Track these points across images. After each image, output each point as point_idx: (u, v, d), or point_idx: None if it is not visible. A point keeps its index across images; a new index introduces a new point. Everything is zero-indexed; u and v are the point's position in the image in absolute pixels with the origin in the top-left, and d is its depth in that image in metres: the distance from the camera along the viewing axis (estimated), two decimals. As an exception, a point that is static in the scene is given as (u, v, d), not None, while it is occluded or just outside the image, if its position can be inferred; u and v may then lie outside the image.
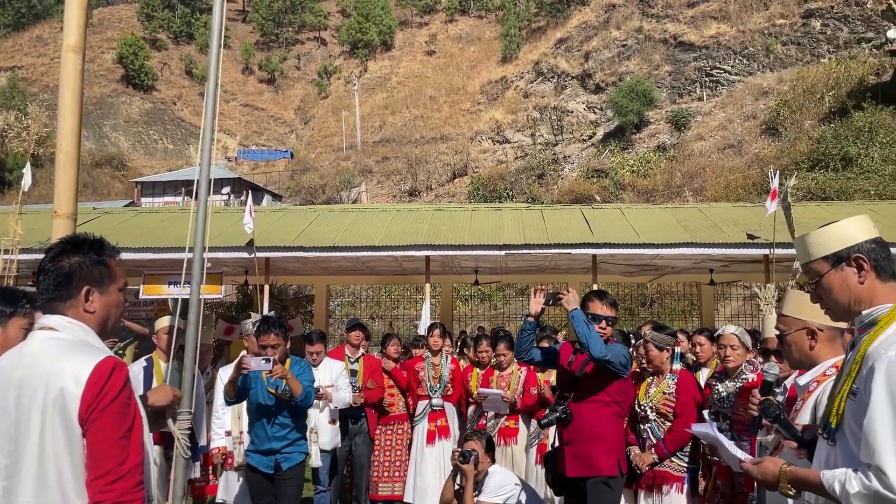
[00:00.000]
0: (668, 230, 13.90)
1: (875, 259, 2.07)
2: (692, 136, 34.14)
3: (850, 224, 2.13)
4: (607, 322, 4.39)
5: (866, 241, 2.09)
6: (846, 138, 25.50)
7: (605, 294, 4.54)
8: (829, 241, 2.12)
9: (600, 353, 4.11)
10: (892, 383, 1.86)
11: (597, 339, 4.16)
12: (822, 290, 2.15)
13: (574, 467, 4.32)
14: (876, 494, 1.83)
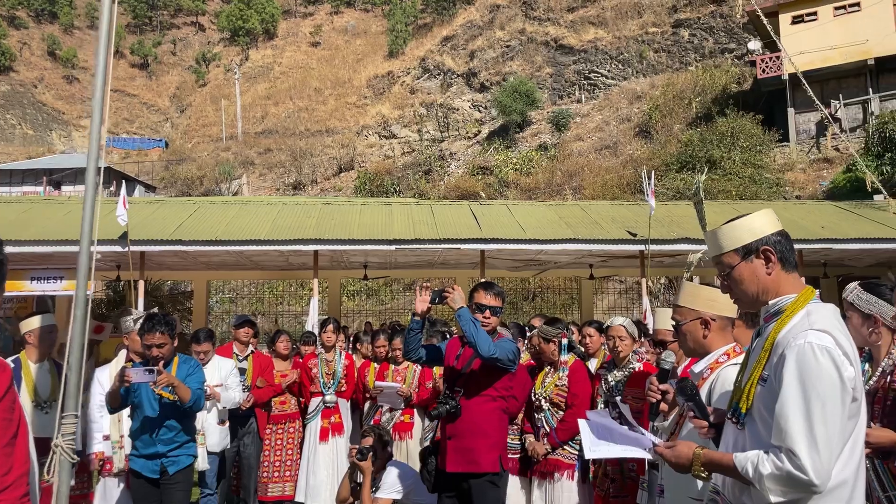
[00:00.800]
0: (552, 227, 14.34)
1: (781, 251, 2.19)
2: (572, 137, 35.40)
3: (758, 218, 2.24)
4: (491, 311, 4.29)
5: (773, 234, 2.21)
6: (711, 142, 27.22)
7: (492, 285, 4.46)
8: (740, 235, 2.22)
9: (488, 352, 4.02)
10: (801, 370, 1.96)
11: (484, 337, 4.05)
12: (733, 281, 2.25)
13: (455, 462, 4.17)
14: (788, 475, 1.93)
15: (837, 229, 14.12)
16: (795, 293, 2.15)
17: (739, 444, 2.15)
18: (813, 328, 2.01)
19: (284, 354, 7.34)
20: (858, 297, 3.05)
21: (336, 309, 17.32)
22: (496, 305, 4.34)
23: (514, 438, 4.92)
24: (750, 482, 2.02)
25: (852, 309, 3.19)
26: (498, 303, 4.36)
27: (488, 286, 4.42)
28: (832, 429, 1.94)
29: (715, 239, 2.29)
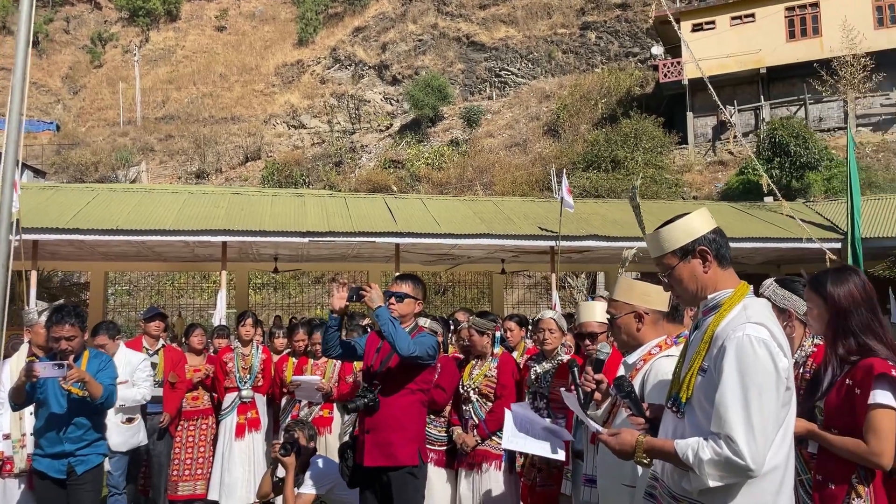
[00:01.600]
0: (466, 221, 14.50)
1: (716, 249, 2.30)
2: (483, 133, 35.81)
3: (694, 219, 2.34)
4: (396, 298, 4.22)
5: (708, 233, 2.31)
6: (615, 142, 28.17)
7: (408, 276, 4.45)
8: (677, 237, 2.32)
9: (407, 350, 3.94)
10: (740, 361, 2.07)
11: (402, 336, 3.97)
12: (674, 280, 2.35)
13: (373, 456, 4.11)
14: (726, 460, 2.03)
15: (733, 229, 14.93)
16: (732, 288, 2.27)
17: (678, 431, 2.25)
18: (750, 321, 2.12)
19: (198, 349, 7.09)
20: (774, 293, 3.23)
21: (244, 302, 16.88)
22: (404, 292, 4.27)
23: (441, 431, 4.95)
24: (689, 468, 2.10)
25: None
26: (408, 289, 4.29)
27: (403, 277, 4.41)
28: (768, 416, 2.05)
29: (654, 242, 2.37)
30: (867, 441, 2.45)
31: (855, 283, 2.65)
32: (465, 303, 23.26)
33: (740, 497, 2.09)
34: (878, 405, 2.45)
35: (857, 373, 2.52)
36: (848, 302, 2.63)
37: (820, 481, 2.58)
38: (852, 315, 2.61)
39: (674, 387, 2.33)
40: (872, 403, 2.46)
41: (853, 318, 2.61)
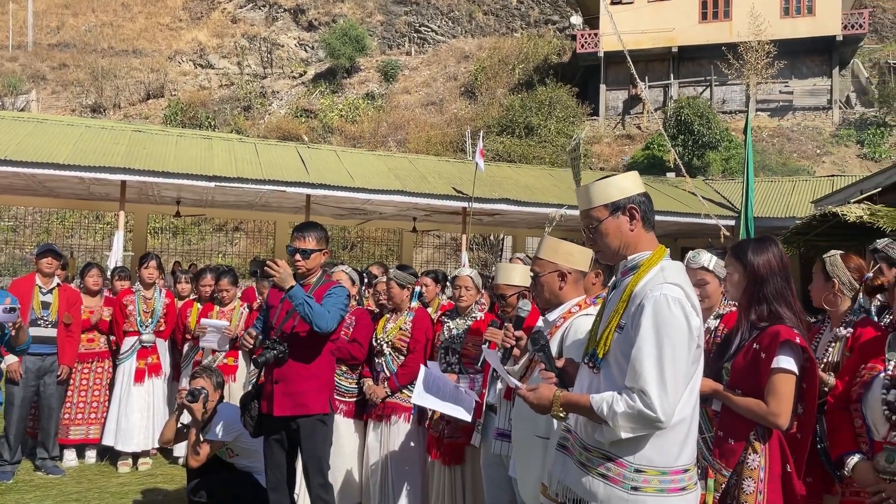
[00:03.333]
0: (381, 177, 14.34)
1: (644, 211, 2.36)
2: (399, 89, 35.35)
3: (627, 179, 2.40)
4: (301, 255, 4.11)
5: (638, 195, 2.37)
6: (530, 109, 28.46)
7: (306, 226, 4.22)
8: (610, 192, 2.36)
9: (326, 327, 3.96)
10: (656, 319, 2.15)
11: (319, 314, 3.92)
12: (599, 234, 2.39)
13: (283, 406, 4.04)
14: (639, 413, 2.13)
15: (638, 201, 15.44)
16: (651, 251, 2.35)
17: (594, 386, 2.32)
18: (667, 282, 2.21)
19: (94, 290, 6.73)
20: (717, 265, 3.36)
21: (141, 246, 16.17)
22: (310, 248, 4.14)
23: (352, 382, 4.93)
24: (603, 420, 2.19)
25: (709, 274, 3.57)
26: (312, 244, 4.14)
27: (301, 228, 4.21)
28: (679, 372, 2.15)
29: (587, 194, 2.41)
30: (767, 402, 2.61)
31: (774, 253, 2.79)
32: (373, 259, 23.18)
33: (648, 447, 2.20)
34: (780, 369, 2.61)
35: (764, 338, 2.67)
36: (765, 270, 2.76)
37: (721, 437, 2.73)
38: (768, 283, 2.75)
39: (591, 343, 2.40)
40: (775, 367, 2.61)
41: (768, 286, 2.75)
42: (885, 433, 2.57)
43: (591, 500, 2.26)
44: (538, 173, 17.80)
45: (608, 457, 2.24)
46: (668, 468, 2.21)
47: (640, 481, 2.19)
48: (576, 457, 2.36)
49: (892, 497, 2.48)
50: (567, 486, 2.35)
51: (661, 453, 2.20)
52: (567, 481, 2.36)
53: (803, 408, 2.64)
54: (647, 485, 2.19)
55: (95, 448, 6.60)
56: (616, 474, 2.22)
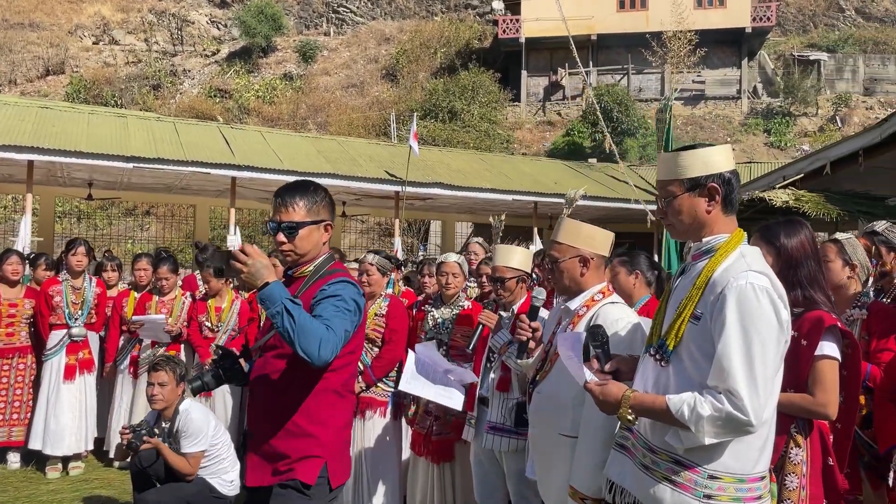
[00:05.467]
0: (311, 159, 13.85)
1: (727, 191, 2.13)
2: (318, 70, 34.48)
3: (717, 152, 2.15)
4: (287, 233, 2.58)
5: (725, 172, 2.13)
6: (453, 94, 28.30)
7: (299, 185, 2.68)
8: (693, 164, 2.12)
9: (317, 354, 2.32)
10: (743, 311, 1.94)
11: (306, 330, 2.30)
12: (671, 210, 2.17)
13: (254, 471, 3.16)
14: (728, 416, 1.91)
15: (568, 185, 15.54)
16: (728, 234, 2.14)
17: (661, 382, 2.11)
18: (752, 269, 2.01)
19: (13, 280, 6.08)
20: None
21: (49, 230, 15.07)
22: (295, 220, 2.58)
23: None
24: (684, 425, 1.98)
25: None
26: (301, 213, 2.59)
27: (281, 193, 2.64)
28: (770, 369, 1.96)
29: (667, 163, 2.18)
30: (814, 393, 2.49)
31: (806, 235, 2.67)
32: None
33: (727, 452, 2.01)
34: (825, 356, 2.50)
35: (803, 324, 2.55)
36: (799, 253, 2.64)
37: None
38: (802, 266, 2.63)
39: (655, 334, 2.19)
40: (819, 355, 2.50)
41: (802, 270, 2.63)
42: (931, 422, 2.51)
43: None
44: (469, 157, 17.66)
45: (678, 461, 2.03)
46: (746, 475, 2.02)
47: (715, 489, 2.00)
48: (638, 459, 2.14)
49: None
50: (626, 489, 2.15)
51: (740, 459, 2.01)
52: (626, 484, 2.16)
53: (844, 396, 2.54)
54: (722, 493, 2.00)
55: (19, 452, 5.99)
56: (687, 480, 2.01)
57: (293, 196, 2.62)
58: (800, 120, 29.05)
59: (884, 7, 34.35)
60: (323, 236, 2.70)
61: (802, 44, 32.41)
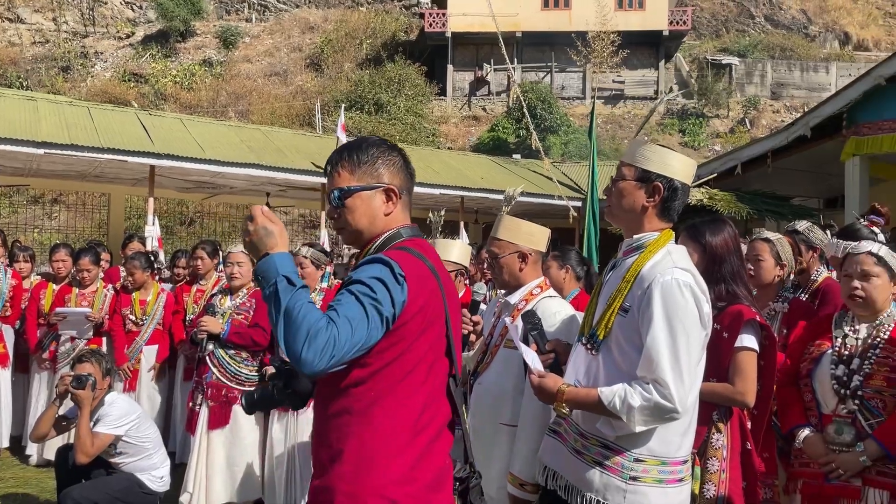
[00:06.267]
0: (234, 149, 13.55)
1: (668, 197, 2.23)
2: (240, 57, 33.64)
3: (677, 159, 2.26)
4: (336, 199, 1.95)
5: (676, 180, 2.23)
6: (379, 85, 28.15)
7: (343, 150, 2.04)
8: (650, 159, 2.22)
9: (302, 354, 1.64)
10: (667, 305, 2.08)
11: (296, 321, 1.67)
12: (615, 189, 2.27)
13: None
14: (655, 405, 2.04)
15: (494, 181, 15.78)
16: (657, 232, 2.26)
17: (592, 370, 2.24)
18: (677, 266, 2.14)
19: (-83, 271, 5.75)
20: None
21: (-52, 219, 14.22)
22: (342, 187, 1.96)
23: (253, 370, 4.54)
24: (615, 415, 2.09)
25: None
26: (345, 178, 1.97)
27: (334, 152, 2.07)
28: (694, 359, 2.10)
29: (633, 148, 2.29)
30: (733, 382, 2.66)
31: (729, 233, 2.84)
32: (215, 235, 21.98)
33: (653, 438, 2.14)
34: (744, 348, 2.67)
35: (725, 318, 2.72)
36: (722, 251, 2.80)
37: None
38: (725, 263, 2.80)
39: (587, 325, 2.31)
40: (739, 346, 2.67)
41: (725, 266, 2.80)
42: (834, 406, 2.72)
43: (586, 490, 2.18)
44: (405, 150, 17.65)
45: (607, 445, 2.17)
46: (669, 458, 2.17)
47: (640, 471, 2.14)
48: (570, 444, 2.26)
49: (840, 467, 2.63)
50: (559, 473, 2.27)
51: (663, 443, 2.15)
52: (559, 468, 2.27)
53: (761, 385, 2.73)
54: (647, 475, 2.14)
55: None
56: (615, 463, 2.15)
57: (338, 156, 2.03)
58: (712, 121, 30.31)
59: (791, 15, 36.19)
60: (384, 206, 1.97)
61: (715, 48, 33.78)
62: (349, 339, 1.69)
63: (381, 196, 1.98)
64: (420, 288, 1.82)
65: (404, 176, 2.03)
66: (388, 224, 1.99)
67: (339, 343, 1.66)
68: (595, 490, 2.16)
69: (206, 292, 5.50)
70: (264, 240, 1.82)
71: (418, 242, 1.99)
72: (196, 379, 4.68)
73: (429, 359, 1.86)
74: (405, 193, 2.02)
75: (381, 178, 1.98)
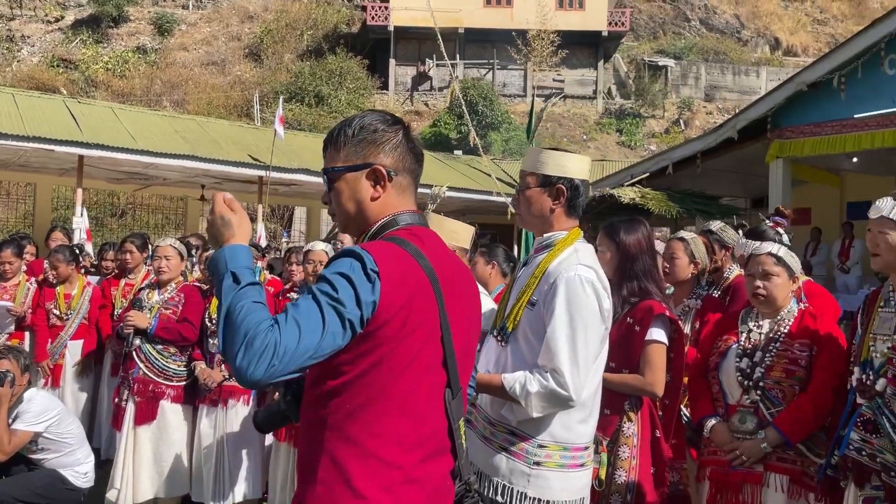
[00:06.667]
0: (167, 139, 13.27)
1: (571, 196, 2.38)
2: (175, 45, 32.84)
3: (573, 160, 2.39)
4: (327, 183, 1.78)
5: (576, 179, 2.38)
6: (320, 78, 27.91)
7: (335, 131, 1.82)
8: (549, 164, 2.36)
9: (237, 360, 1.45)
10: (570, 299, 2.22)
11: (238, 321, 1.47)
12: (523, 199, 2.42)
13: None
14: (552, 392, 2.19)
15: (435, 177, 15.82)
16: (566, 231, 2.40)
17: (501, 360, 2.37)
18: (581, 263, 2.28)
19: None
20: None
21: None
22: (329, 167, 1.76)
23: (181, 365, 4.48)
24: (516, 400, 2.22)
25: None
26: (332, 157, 1.76)
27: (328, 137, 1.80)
28: (591, 352, 2.25)
29: (531, 156, 2.42)
30: (643, 373, 2.79)
31: (643, 233, 2.97)
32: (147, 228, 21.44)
33: (553, 423, 2.27)
34: (653, 341, 2.81)
35: (637, 312, 2.85)
36: (636, 249, 2.94)
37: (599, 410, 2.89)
38: (638, 260, 2.93)
39: (499, 318, 2.43)
40: (649, 339, 2.81)
41: (638, 264, 2.93)
42: (738, 397, 2.88)
43: (494, 475, 2.30)
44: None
45: (513, 432, 2.29)
46: (571, 445, 2.30)
47: (543, 456, 2.27)
48: (479, 431, 2.38)
49: (744, 454, 2.79)
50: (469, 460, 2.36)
51: (565, 430, 2.29)
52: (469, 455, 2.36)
53: (671, 376, 2.87)
54: (549, 460, 2.27)
55: None
56: (520, 449, 2.28)
57: (332, 133, 1.79)
58: (648, 121, 31.08)
59: (724, 19, 37.33)
60: (371, 190, 1.72)
61: (653, 50, 34.61)
62: (294, 345, 1.44)
63: (369, 178, 1.71)
64: (399, 285, 1.56)
65: (401, 155, 1.74)
66: (381, 211, 1.73)
67: (279, 349, 1.43)
68: (502, 475, 2.29)
69: (135, 286, 5.40)
70: (221, 230, 1.64)
71: (417, 231, 1.71)
72: (122, 374, 4.60)
73: (416, 369, 1.60)
74: (404, 175, 1.74)
75: (367, 157, 1.71)
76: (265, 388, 1.43)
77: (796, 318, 2.90)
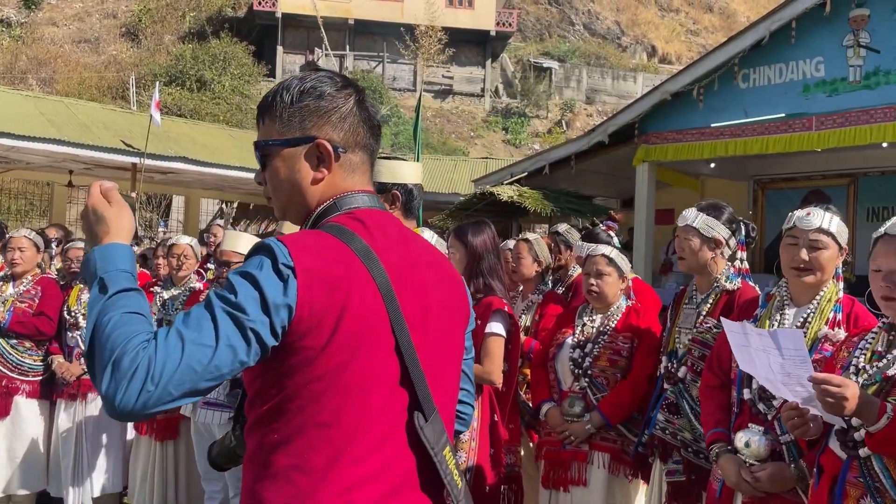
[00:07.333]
0: (31, 121, 12.54)
1: (406, 200, 2.52)
2: (44, 19, 30.84)
3: (405, 167, 2.55)
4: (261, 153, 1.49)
5: (409, 184, 2.52)
6: (203, 62, 26.99)
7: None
8: (381, 172, 2.42)
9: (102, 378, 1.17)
10: None
11: (98, 342, 1.19)
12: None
13: None
14: None
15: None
16: None
17: None
18: None
19: None
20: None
21: None
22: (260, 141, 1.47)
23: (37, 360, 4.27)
24: None
25: None
26: (265, 130, 1.45)
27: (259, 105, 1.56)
28: None
29: (382, 168, 2.49)
30: (482, 363, 3.03)
31: (488, 234, 3.22)
32: (9, 215, 20.12)
33: None
34: (492, 333, 3.05)
35: (479, 308, 3.08)
36: (482, 249, 3.17)
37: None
38: (484, 260, 3.17)
39: None
40: (488, 332, 3.05)
41: (484, 263, 3.17)
42: (570, 384, 3.19)
43: None
44: (217, 132, 17.12)
45: None
46: None
47: None
48: None
49: (572, 434, 3.09)
50: None
51: None
52: None
53: (508, 366, 3.13)
54: None
55: None
56: None
57: (266, 99, 1.46)
58: (533, 121, 32.07)
59: (606, 25, 38.99)
60: (313, 171, 1.41)
61: (538, 51, 35.68)
62: (175, 364, 1.15)
63: (310, 155, 1.40)
64: (323, 284, 1.25)
65: (352, 127, 1.43)
66: (325, 194, 1.42)
67: (154, 370, 1.14)
68: None
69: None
70: (94, 227, 1.35)
71: (361, 215, 1.40)
72: (-27, 369, 4.43)
73: (361, 389, 1.29)
74: (356, 151, 1.44)
75: (309, 129, 1.40)
76: (143, 419, 1.20)
77: (623, 313, 3.24)
